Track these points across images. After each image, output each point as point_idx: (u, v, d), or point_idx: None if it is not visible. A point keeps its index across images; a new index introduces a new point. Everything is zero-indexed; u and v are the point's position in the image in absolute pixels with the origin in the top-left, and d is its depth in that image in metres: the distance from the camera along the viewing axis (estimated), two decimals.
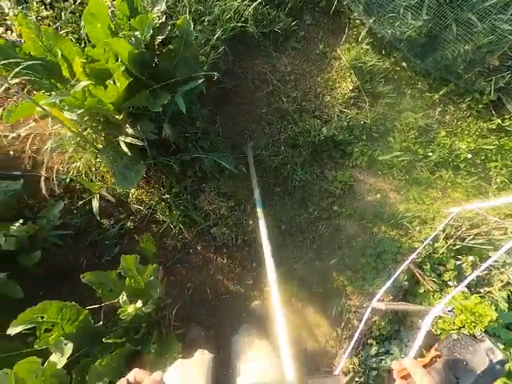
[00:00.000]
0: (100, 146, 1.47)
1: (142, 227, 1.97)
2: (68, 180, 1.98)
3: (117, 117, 1.44)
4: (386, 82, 2.58)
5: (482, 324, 1.51)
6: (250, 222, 2.12)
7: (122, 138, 1.48)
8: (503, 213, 2.04)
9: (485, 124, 2.58)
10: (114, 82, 1.26)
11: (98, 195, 1.66)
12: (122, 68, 1.18)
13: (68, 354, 1.06)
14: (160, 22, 1.67)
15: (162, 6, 1.64)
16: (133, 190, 1.94)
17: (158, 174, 1.85)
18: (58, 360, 1.06)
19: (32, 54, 1.48)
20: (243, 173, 2.20)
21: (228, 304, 1.97)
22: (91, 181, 1.94)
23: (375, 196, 2.21)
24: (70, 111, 1.33)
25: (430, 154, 2.37)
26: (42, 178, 1.95)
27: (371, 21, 2.45)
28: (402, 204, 2.14)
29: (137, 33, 1.36)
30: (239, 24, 2.30)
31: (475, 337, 0.70)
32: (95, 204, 1.63)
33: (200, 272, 2.01)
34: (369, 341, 1.77)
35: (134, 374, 0.80)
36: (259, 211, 1.72)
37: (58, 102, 1.26)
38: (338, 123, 2.38)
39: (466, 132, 2.56)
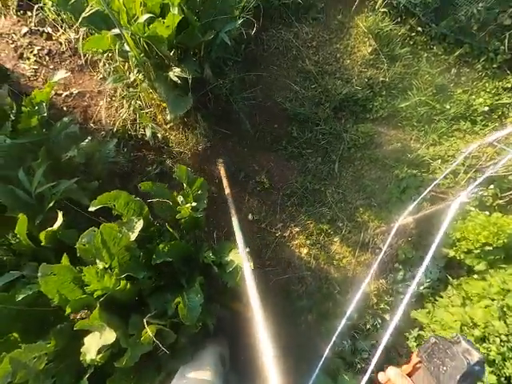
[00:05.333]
0: (152, 79, 1.68)
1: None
2: (115, 130, 2.21)
3: (169, 53, 1.65)
4: (403, 46, 2.73)
5: (505, 233, 1.61)
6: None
7: (171, 73, 1.68)
8: None
9: (500, 83, 2.68)
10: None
11: (149, 125, 1.85)
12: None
13: (139, 228, 1.23)
14: None
15: None
16: (172, 137, 2.15)
17: (196, 118, 2.04)
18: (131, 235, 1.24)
19: (94, 5, 1.73)
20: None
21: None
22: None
23: (396, 145, 2.33)
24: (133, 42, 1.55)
25: (448, 107, 2.49)
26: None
27: None
28: (423, 150, 2.26)
29: None
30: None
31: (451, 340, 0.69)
32: (148, 132, 1.82)
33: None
34: (395, 265, 1.88)
35: None
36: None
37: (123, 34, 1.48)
38: (358, 81, 2.55)
39: (482, 90, 2.67)
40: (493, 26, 2.51)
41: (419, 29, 2.74)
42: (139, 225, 1.25)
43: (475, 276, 1.81)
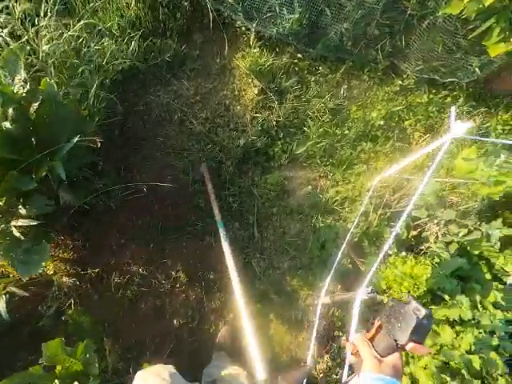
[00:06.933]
0: None
1: (75, 300, 1.84)
2: None
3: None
4: (289, 76, 2.64)
5: (422, 284, 1.56)
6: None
7: (13, 223, 1.38)
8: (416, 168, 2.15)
9: (389, 88, 2.71)
10: None
11: (3, 296, 1.50)
12: None
13: None
14: (25, 90, 1.59)
15: (22, 75, 1.57)
16: (52, 268, 1.83)
17: (74, 241, 1.75)
18: None
19: None
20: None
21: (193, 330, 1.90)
22: None
23: (307, 188, 2.23)
24: None
25: (347, 131, 2.45)
26: None
27: (254, 24, 2.51)
28: (333, 188, 2.18)
29: None
30: (126, 64, 2.27)
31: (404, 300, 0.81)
32: (1, 304, 1.48)
33: (155, 322, 1.92)
34: (335, 333, 1.77)
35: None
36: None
37: None
38: (253, 129, 2.40)
39: (375, 100, 2.68)
40: (365, 40, 2.51)
41: (299, 55, 2.66)
42: None
43: None
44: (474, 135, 2.70)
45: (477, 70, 2.32)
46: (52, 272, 1.80)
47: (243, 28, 2.62)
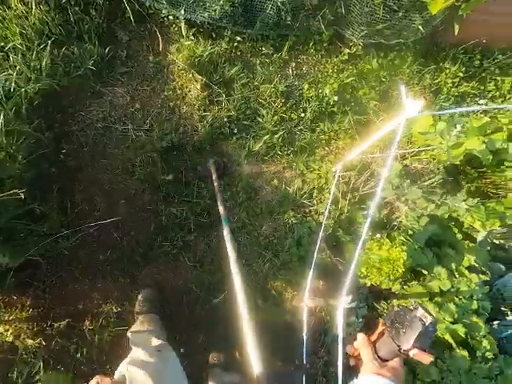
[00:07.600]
0: None
1: (47, 360, 1.68)
2: None
3: None
4: (232, 64, 2.43)
5: (400, 267, 1.56)
6: None
7: None
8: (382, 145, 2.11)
9: (337, 58, 2.59)
10: None
11: None
12: None
13: None
14: None
15: None
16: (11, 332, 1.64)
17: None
18: None
19: None
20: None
21: None
22: None
23: (274, 183, 2.13)
24: None
25: (303, 114, 2.34)
26: None
27: (182, 11, 2.24)
28: (298, 178, 2.10)
29: None
30: (42, 83, 1.96)
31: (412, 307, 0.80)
32: None
33: None
34: (326, 326, 1.77)
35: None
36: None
37: None
38: (204, 130, 2.22)
39: (326, 74, 2.56)
40: (304, 12, 2.33)
41: (238, 38, 2.44)
42: None
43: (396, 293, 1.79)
44: (427, 93, 2.71)
45: (420, 27, 2.24)
46: (12, 337, 1.61)
47: (171, 17, 2.34)
